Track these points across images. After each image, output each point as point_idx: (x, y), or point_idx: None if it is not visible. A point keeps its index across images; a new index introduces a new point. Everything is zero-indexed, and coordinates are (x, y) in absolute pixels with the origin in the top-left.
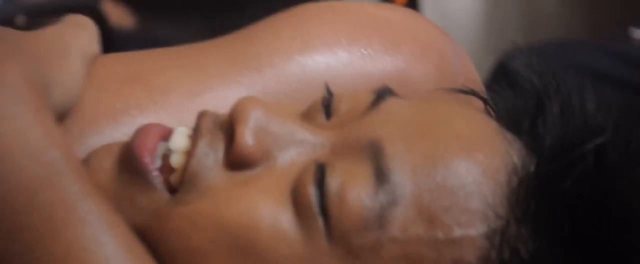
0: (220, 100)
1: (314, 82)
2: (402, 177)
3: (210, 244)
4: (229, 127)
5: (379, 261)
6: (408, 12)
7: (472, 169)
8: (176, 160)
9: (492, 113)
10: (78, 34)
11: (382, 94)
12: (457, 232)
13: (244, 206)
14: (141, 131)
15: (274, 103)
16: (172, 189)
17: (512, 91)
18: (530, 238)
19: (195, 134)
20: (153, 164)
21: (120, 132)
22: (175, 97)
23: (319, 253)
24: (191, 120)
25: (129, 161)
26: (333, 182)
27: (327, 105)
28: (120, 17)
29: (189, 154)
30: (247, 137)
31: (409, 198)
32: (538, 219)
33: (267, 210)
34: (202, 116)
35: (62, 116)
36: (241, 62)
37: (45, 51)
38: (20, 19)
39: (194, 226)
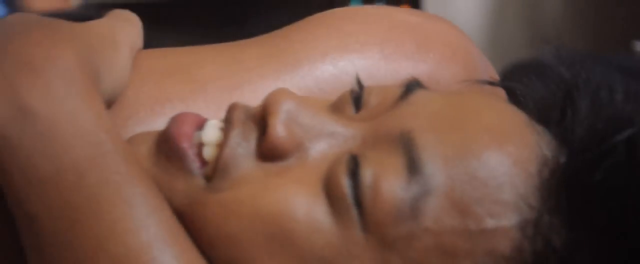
0: (257, 93)
1: (347, 80)
2: (434, 168)
3: (246, 232)
4: (261, 119)
5: (412, 252)
6: (440, 20)
7: (503, 160)
8: (209, 153)
9: (520, 105)
10: (126, 28)
11: (411, 86)
12: (490, 223)
13: (279, 195)
14: (177, 118)
15: (305, 96)
16: (208, 179)
17: (540, 82)
18: (562, 228)
19: (227, 125)
20: (191, 149)
21: (159, 122)
22: (214, 90)
23: (353, 243)
24: None
25: (166, 146)
26: (366, 173)
27: (357, 97)
28: None
29: (221, 145)
30: (279, 129)
31: (442, 188)
32: (570, 210)
33: (302, 200)
34: (232, 108)
35: (107, 105)
36: (278, 59)
37: (96, 41)
38: None
39: (230, 213)
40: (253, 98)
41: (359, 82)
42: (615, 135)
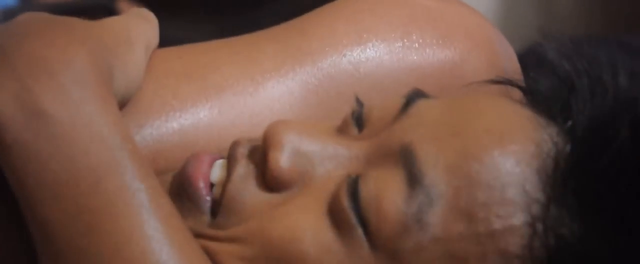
0: (273, 101)
1: (367, 79)
2: (436, 178)
3: (260, 260)
4: (263, 152)
5: (423, 262)
6: (460, 5)
7: (505, 160)
8: (217, 192)
9: (528, 100)
10: (142, 26)
11: (412, 98)
12: (498, 224)
13: (286, 223)
14: (194, 158)
15: (306, 122)
16: (214, 215)
17: (545, 76)
18: (573, 220)
19: (230, 163)
20: (205, 190)
21: (172, 127)
22: (229, 95)
23: (364, 262)
24: (244, 121)
25: (182, 187)
26: (366, 191)
27: (358, 117)
28: None
29: (225, 181)
30: (281, 162)
31: (445, 197)
32: (579, 200)
33: (309, 226)
34: (235, 144)
35: (121, 105)
36: (295, 58)
37: (111, 40)
38: None
39: (243, 243)
40: (268, 103)
41: (358, 101)
42: (619, 117)
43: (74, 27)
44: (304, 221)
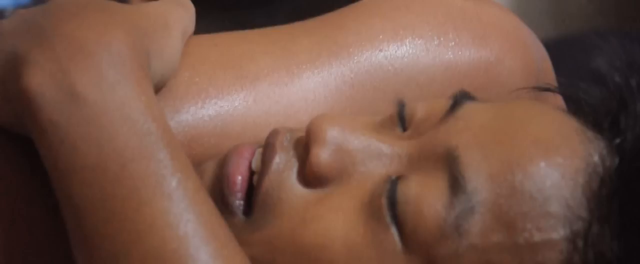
0: (308, 93)
1: (402, 74)
2: (479, 185)
3: None
4: (305, 146)
5: None
6: (496, 6)
7: (550, 172)
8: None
9: (574, 111)
10: (179, 12)
11: (459, 100)
12: (538, 237)
13: (318, 227)
14: (233, 153)
15: (350, 117)
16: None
17: (596, 87)
18: (614, 238)
19: (267, 152)
20: (242, 191)
21: (208, 114)
22: (264, 85)
23: None
24: (279, 111)
25: (219, 185)
26: (406, 192)
27: (402, 116)
28: None
29: (262, 173)
30: (322, 158)
31: (487, 205)
32: (622, 219)
33: (340, 228)
34: (274, 133)
35: (156, 89)
36: (331, 51)
37: (148, 25)
38: None
39: (274, 249)
40: (302, 96)
41: (401, 101)
42: None
43: (113, 11)
44: (336, 225)
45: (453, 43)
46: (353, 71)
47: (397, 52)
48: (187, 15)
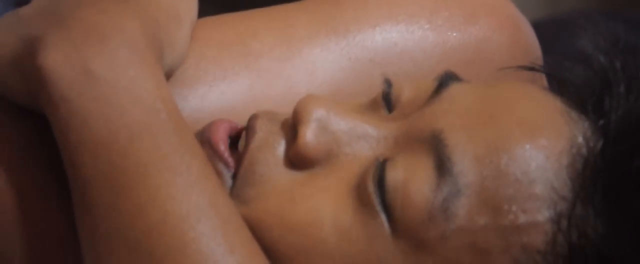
0: (307, 64)
1: (396, 48)
2: (465, 168)
3: (279, 244)
4: (291, 127)
5: (446, 252)
6: None
7: (535, 154)
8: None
9: (559, 90)
10: (188, 2)
11: (445, 81)
12: (523, 218)
13: (307, 205)
14: (212, 125)
15: (336, 100)
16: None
17: (580, 67)
18: (598, 219)
19: (249, 133)
20: (226, 152)
21: (214, 95)
22: (267, 62)
23: (384, 248)
24: (278, 84)
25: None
26: (394, 177)
27: (388, 97)
28: None
29: (244, 150)
30: (309, 138)
31: (473, 187)
32: (606, 200)
33: (329, 209)
34: (254, 116)
35: (167, 78)
36: (329, 26)
37: (161, 15)
38: None
39: (262, 224)
40: (303, 69)
41: (388, 81)
42: None
43: (128, 0)
44: (325, 205)
45: (445, 20)
46: (350, 45)
47: (391, 28)
48: (194, 4)
